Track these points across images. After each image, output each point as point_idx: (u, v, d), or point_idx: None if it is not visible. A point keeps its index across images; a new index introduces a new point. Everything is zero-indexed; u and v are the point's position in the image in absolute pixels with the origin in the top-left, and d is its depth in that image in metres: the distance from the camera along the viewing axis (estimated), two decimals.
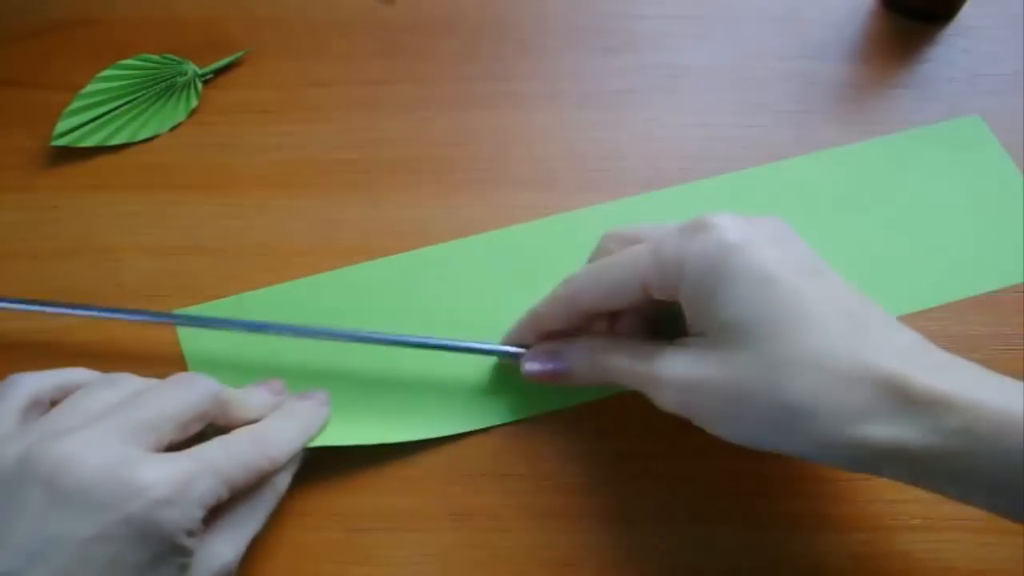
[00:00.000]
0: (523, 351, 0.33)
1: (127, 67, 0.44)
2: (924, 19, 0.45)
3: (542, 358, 0.32)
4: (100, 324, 0.36)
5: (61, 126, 0.41)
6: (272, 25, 0.46)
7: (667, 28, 0.46)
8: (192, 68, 0.44)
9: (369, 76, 0.44)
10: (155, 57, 0.44)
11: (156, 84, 0.43)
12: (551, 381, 0.32)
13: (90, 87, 0.43)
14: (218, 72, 0.44)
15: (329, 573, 0.31)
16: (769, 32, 0.45)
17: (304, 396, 0.33)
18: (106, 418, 0.27)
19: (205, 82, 0.44)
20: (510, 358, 0.33)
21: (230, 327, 0.33)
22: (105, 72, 0.44)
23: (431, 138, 0.42)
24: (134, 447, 0.26)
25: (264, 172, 0.41)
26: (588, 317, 0.32)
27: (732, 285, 0.27)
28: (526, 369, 0.32)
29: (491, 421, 0.34)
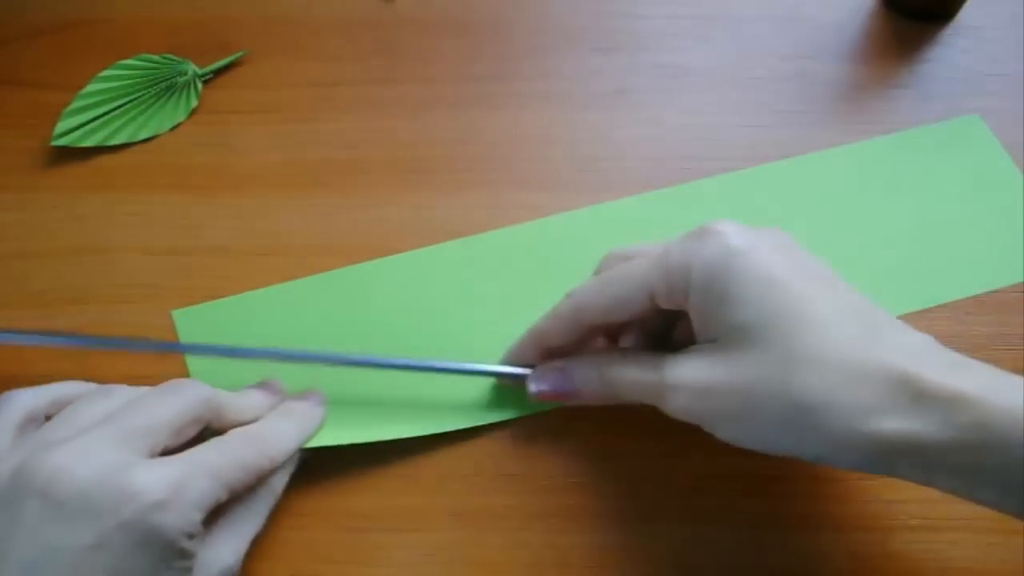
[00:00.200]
0: (527, 372, 0.32)
1: (127, 67, 0.44)
2: (924, 19, 0.45)
3: (548, 378, 0.32)
4: (95, 326, 0.36)
5: (61, 126, 0.41)
6: (272, 25, 0.46)
7: (667, 28, 0.46)
8: (192, 68, 0.44)
9: (369, 76, 0.44)
10: (155, 57, 0.44)
11: (156, 84, 0.43)
12: (559, 400, 0.32)
13: (90, 87, 0.43)
14: (218, 72, 0.44)
15: (329, 573, 0.31)
16: (769, 32, 0.45)
17: (300, 397, 0.33)
18: (99, 427, 0.27)
19: (205, 82, 0.44)
20: (513, 379, 0.33)
21: (239, 355, 0.33)
22: (105, 72, 0.44)
23: (431, 138, 0.42)
24: (127, 454, 0.26)
25: (264, 172, 0.41)
26: (592, 332, 0.31)
27: (741, 287, 0.27)
28: (532, 390, 0.32)
29: (490, 418, 0.34)
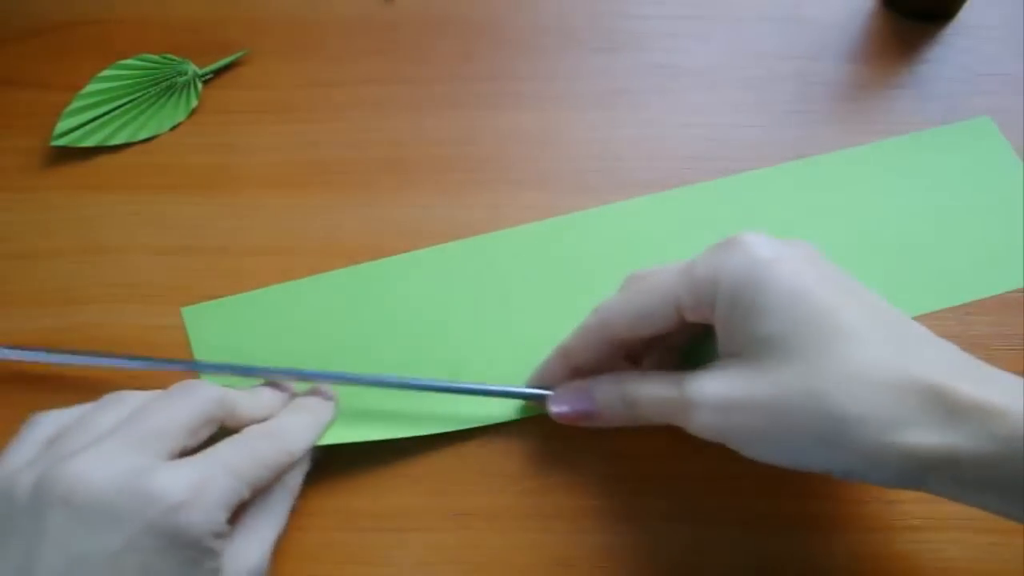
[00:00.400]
0: (548, 393, 0.32)
1: (127, 67, 0.44)
2: (924, 19, 0.45)
3: (570, 398, 0.31)
4: (95, 326, 0.36)
5: (61, 126, 0.41)
6: (272, 25, 0.46)
7: (667, 28, 0.46)
8: (192, 68, 0.44)
9: (369, 76, 0.44)
10: (155, 57, 0.44)
11: (156, 84, 0.43)
12: (580, 423, 0.31)
13: (90, 87, 0.43)
14: (218, 72, 0.44)
15: (329, 573, 0.31)
16: (769, 32, 0.45)
17: (310, 393, 0.33)
18: (114, 433, 0.27)
19: (205, 82, 0.44)
20: (536, 401, 0.33)
21: (255, 375, 0.32)
22: (105, 72, 0.44)
23: (431, 138, 0.42)
24: (145, 457, 0.26)
25: (264, 172, 0.41)
26: (618, 348, 0.31)
27: (768, 298, 0.26)
28: (553, 412, 0.32)
29: (496, 418, 0.34)
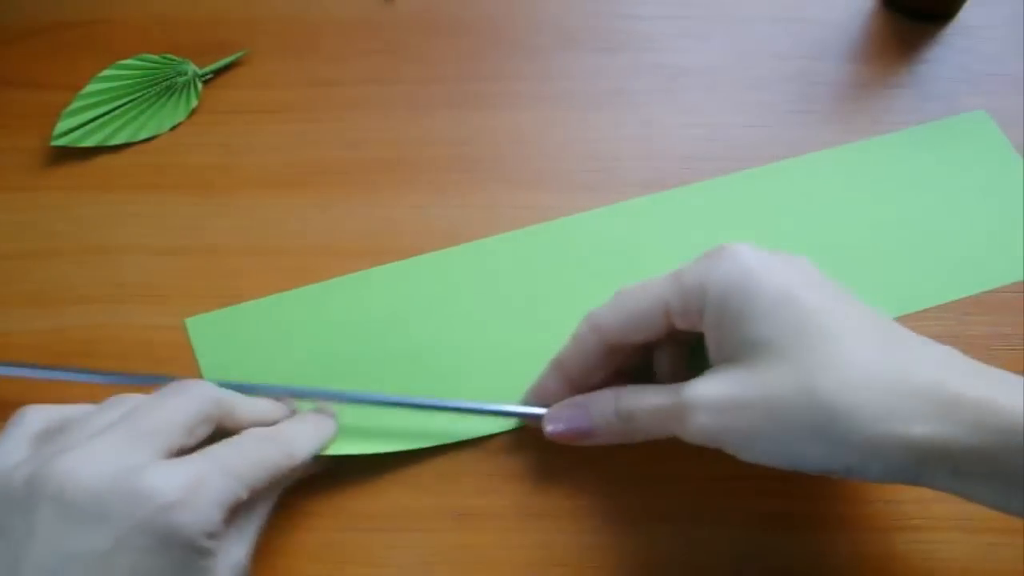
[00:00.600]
0: (544, 412, 0.32)
1: (127, 67, 0.44)
2: (924, 19, 0.45)
3: (565, 416, 0.31)
4: (95, 326, 0.36)
5: (61, 126, 0.41)
6: (272, 25, 0.46)
7: (667, 28, 0.46)
8: (192, 68, 0.44)
9: (369, 76, 0.44)
10: (155, 57, 0.44)
11: (156, 84, 0.43)
12: (576, 441, 0.31)
13: (90, 87, 0.43)
14: (218, 72, 0.44)
15: (329, 573, 0.31)
16: (769, 32, 0.45)
17: (313, 411, 0.33)
18: (109, 431, 0.27)
19: (205, 82, 0.44)
20: (531, 420, 0.32)
21: (255, 392, 0.32)
22: (105, 72, 0.44)
23: (431, 138, 0.42)
24: (139, 455, 0.26)
25: (264, 172, 0.41)
26: (611, 357, 0.31)
27: (756, 302, 0.27)
28: (549, 431, 0.31)
29: (492, 431, 0.34)
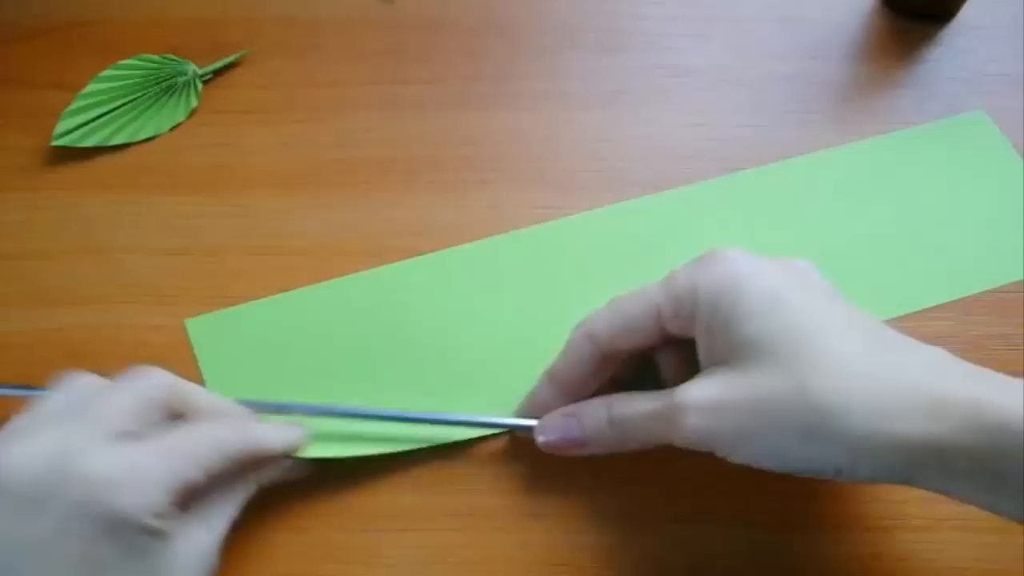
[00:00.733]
0: (535, 423, 0.32)
1: (127, 67, 0.44)
2: (924, 19, 0.45)
3: (556, 427, 0.31)
4: (94, 326, 0.36)
5: (61, 126, 0.41)
6: (272, 25, 0.46)
7: (667, 28, 0.46)
8: (192, 68, 0.44)
9: (369, 76, 0.44)
10: (155, 57, 0.44)
11: (156, 84, 0.43)
12: (569, 452, 0.31)
13: (90, 87, 0.43)
14: (218, 72, 0.44)
15: (329, 573, 0.31)
16: (769, 32, 0.45)
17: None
18: (53, 417, 0.26)
19: (205, 82, 0.44)
20: (523, 432, 0.32)
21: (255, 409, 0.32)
22: (105, 72, 0.44)
23: (431, 138, 0.42)
24: (80, 440, 0.25)
25: (264, 172, 0.41)
26: (604, 365, 0.31)
27: (747, 303, 0.27)
28: (540, 441, 0.31)
29: (485, 431, 0.33)
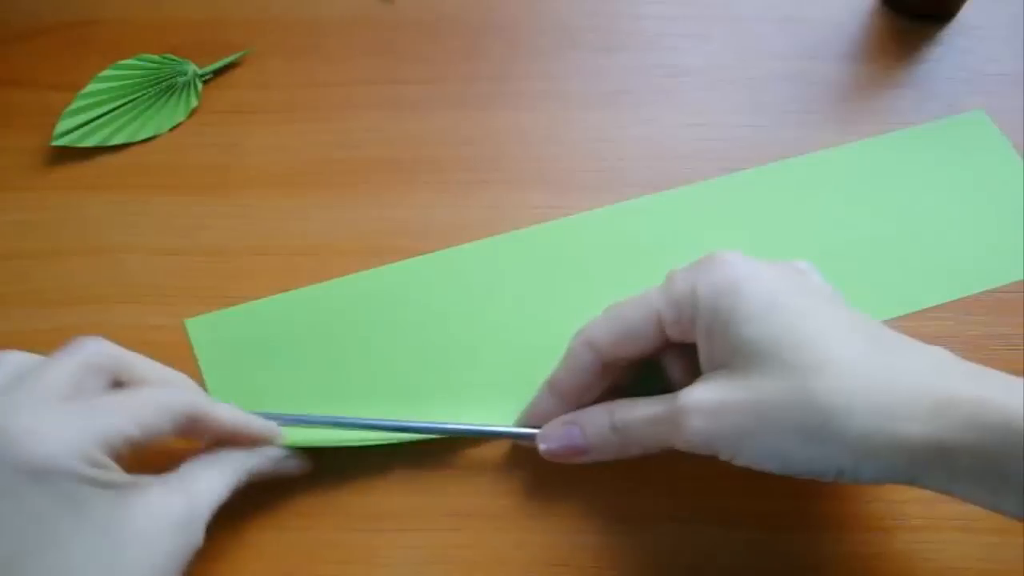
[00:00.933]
0: (537, 432, 0.32)
1: (127, 67, 0.44)
2: (924, 19, 0.45)
3: (558, 435, 0.31)
4: (95, 326, 0.36)
5: (61, 126, 0.41)
6: (272, 25, 0.46)
7: (667, 28, 0.46)
8: (192, 68, 0.44)
9: (369, 76, 0.44)
10: (155, 57, 0.44)
11: (156, 84, 0.43)
12: (571, 459, 0.31)
13: (90, 87, 0.43)
14: (218, 72, 0.44)
15: (329, 573, 0.31)
16: (769, 32, 0.45)
17: None
18: None
19: (205, 82, 0.44)
20: (525, 440, 0.32)
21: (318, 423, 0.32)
22: (105, 72, 0.44)
23: (431, 138, 0.42)
24: (11, 402, 0.25)
25: (264, 172, 0.41)
26: (603, 374, 0.31)
27: (747, 305, 0.27)
28: (543, 449, 0.31)
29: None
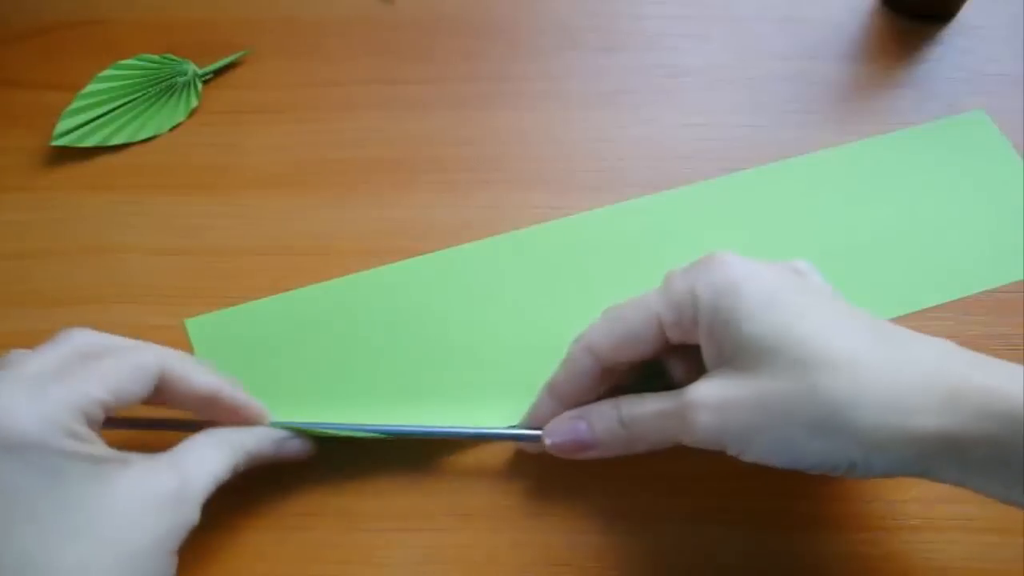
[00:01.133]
0: (544, 429, 0.31)
1: (127, 67, 0.44)
2: (924, 19, 0.45)
3: (565, 428, 0.31)
4: (94, 326, 0.36)
5: (61, 126, 0.41)
6: (272, 25, 0.46)
7: (667, 28, 0.46)
8: (192, 68, 0.44)
9: (369, 76, 0.44)
10: (155, 57, 0.44)
11: (156, 84, 0.43)
12: (578, 454, 0.31)
13: (90, 87, 0.43)
14: (218, 72, 0.44)
15: (329, 573, 0.31)
16: (769, 32, 0.45)
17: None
18: None
19: (205, 82, 0.44)
20: (531, 441, 0.32)
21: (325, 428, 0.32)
22: (105, 72, 0.44)
23: (431, 138, 0.42)
24: None
25: (264, 172, 0.41)
26: (604, 379, 0.31)
27: (747, 302, 0.27)
28: (549, 444, 0.31)
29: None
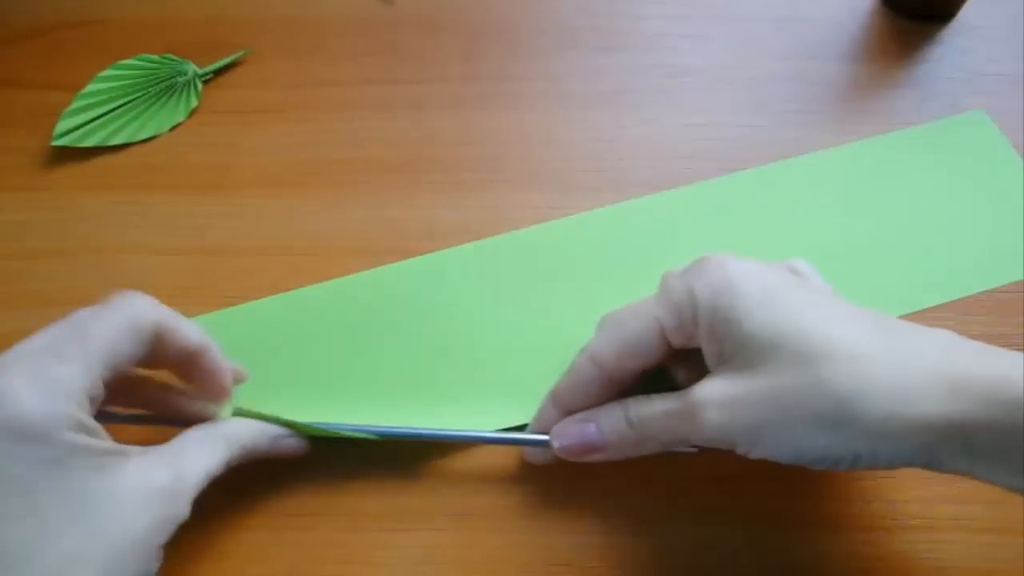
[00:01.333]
0: (551, 432, 0.31)
1: (127, 67, 0.44)
2: (924, 19, 0.45)
3: (572, 430, 0.31)
4: None
5: (61, 126, 0.41)
6: (272, 25, 0.46)
7: (667, 28, 0.46)
8: (192, 68, 0.44)
9: (369, 76, 0.44)
10: (155, 57, 0.44)
11: (156, 84, 0.43)
12: (586, 456, 0.30)
13: (90, 87, 0.43)
14: (218, 72, 0.44)
15: (329, 573, 0.31)
16: (769, 32, 0.45)
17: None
18: None
19: (205, 82, 0.44)
20: (538, 446, 0.32)
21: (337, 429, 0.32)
22: (105, 72, 0.44)
23: (431, 138, 0.42)
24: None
25: (264, 172, 0.41)
26: (608, 388, 0.31)
27: (745, 301, 0.27)
28: (557, 446, 0.31)
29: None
